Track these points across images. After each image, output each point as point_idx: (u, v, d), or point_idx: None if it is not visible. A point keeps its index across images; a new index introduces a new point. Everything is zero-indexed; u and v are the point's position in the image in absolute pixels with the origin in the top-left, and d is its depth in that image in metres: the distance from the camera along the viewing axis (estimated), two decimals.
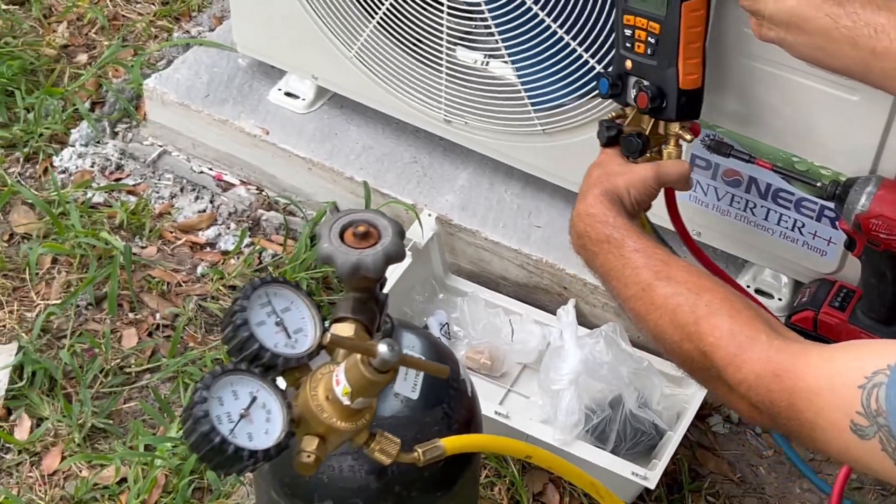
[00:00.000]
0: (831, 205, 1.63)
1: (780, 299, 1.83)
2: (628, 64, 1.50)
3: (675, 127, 1.49)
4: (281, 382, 1.02)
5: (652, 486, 1.62)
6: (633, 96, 1.50)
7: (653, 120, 1.50)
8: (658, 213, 1.59)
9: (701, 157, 1.72)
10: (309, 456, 0.97)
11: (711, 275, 1.22)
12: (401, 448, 1.03)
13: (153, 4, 2.53)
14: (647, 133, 1.49)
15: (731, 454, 1.81)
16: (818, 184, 1.58)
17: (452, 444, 1.04)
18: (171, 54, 2.37)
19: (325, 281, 1.99)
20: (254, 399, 0.96)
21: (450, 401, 1.16)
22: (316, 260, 1.98)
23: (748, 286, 1.85)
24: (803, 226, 1.71)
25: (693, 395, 1.74)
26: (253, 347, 0.98)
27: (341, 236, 1.05)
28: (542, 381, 1.70)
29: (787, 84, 1.56)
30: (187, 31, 2.45)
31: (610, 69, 1.56)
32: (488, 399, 1.75)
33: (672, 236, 1.65)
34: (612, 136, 1.49)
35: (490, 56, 1.89)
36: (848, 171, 1.59)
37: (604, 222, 1.32)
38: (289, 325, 1.01)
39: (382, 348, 0.94)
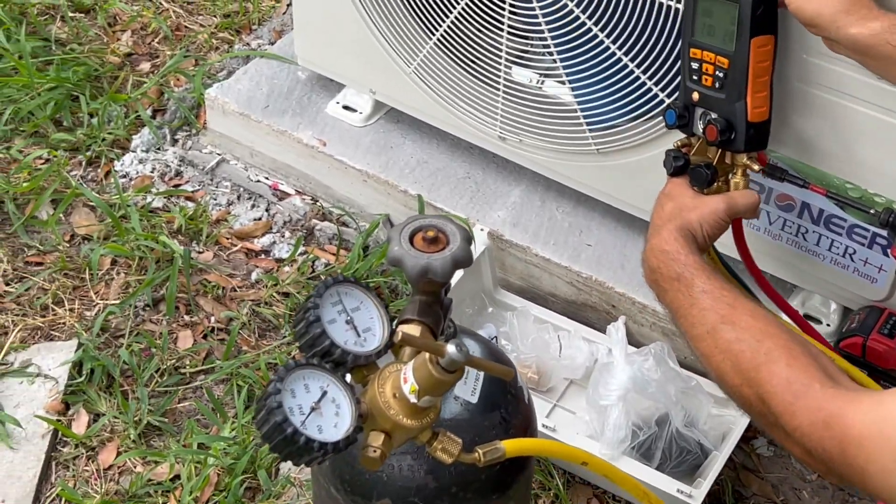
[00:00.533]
0: (884, 232, 1.65)
1: (828, 325, 1.85)
2: (695, 96, 1.53)
3: (742, 158, 1.51)
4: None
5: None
6: (701, 128, 1.52)
7: (719, 150, 1.52)
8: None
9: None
10: (375, 451, 1.00)
11: (775, 319, 1.25)
12: (462, 448, 1.05)
13: (215, 17, 2.58)
14: (714, 164, 1.51)
15: (774, 477, 1.82)
16: (871, 211, 1.60)
17: (512, 446, 1.07)
18: (231, 66, 2.42)
19: (378, 291, 2.02)
20: (324, 393, 1.00)
21: (507, 406, 1.19)
22: (371, 270, 2.02)
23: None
24: (854, 252, 1.72)
25: (739, 417, 1.75)
26: (324, 343, 1.01)
27: (411, 240, 1.08)
28: (591, 397, 1.72)
29: (843, 111, 1.58)
30: (248, 44, 2.50)
31: (675, 99, 1.58)
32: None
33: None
34: (679, 167, 1.52)
35: (545, 75, 1.93)
36: None
37: (676, 260, 1.36)
38: (358, 324, 1.04)
39: (451, 348, 0.97)
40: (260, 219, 2.18)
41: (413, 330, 1.06)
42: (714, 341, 1.22)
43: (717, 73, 1.51)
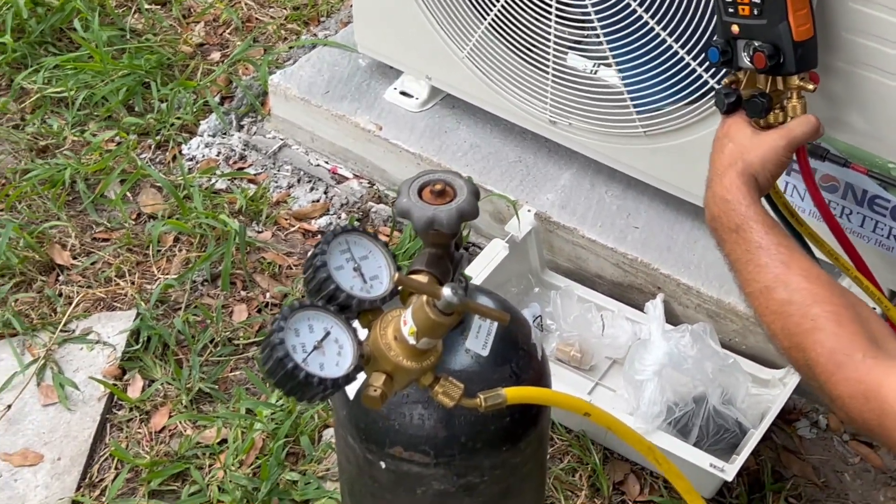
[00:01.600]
0: None
1: (874, 308, 1.83)
2: (735, 28, 1.49)
3: (795, 80, 1.47)
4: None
5: (729, 478, 1.64)
6: (747, 59, 1.49)
7: (770, 78, 1.49)
8: None
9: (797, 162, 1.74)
10: (375, 390, 1.04)
11: (828, 280, 1.25)
12: (464, 393, 1.09)
13: (285, 9, 2.66)
14: (767, 92, 1.48)
15: (816, 459, 1.81)
16: None
17: (514, 393, 1.10)
18: (297, 55, 2.49)
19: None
20: (327, 334, 1.04)
21: (518, 361, 1.22)
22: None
23: None
24: None
25: (777, 396, 1.75)
26: (330, 288, 1.05)
27: (419, 194, 1.12)
28: (627, 372, 1.74)
29: (886, 90, 1.58)
30: (315, 34, 2.57)
31: (715, 38, 1.57)
32: (577, 390, 1.79)
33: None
34: (732, 103, 1.49)
35: (600, 64, 1.95)
36: None
37: (736, 210, 1.36)
38: (366, 271, 1.09)
39: (447, 291, 1.00)
40: (318, 201, 2.24)
41: (420, 279, 1.10)
42: (766, 301, 1.24)
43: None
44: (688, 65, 1.77)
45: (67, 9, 2.52)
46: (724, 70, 1.58)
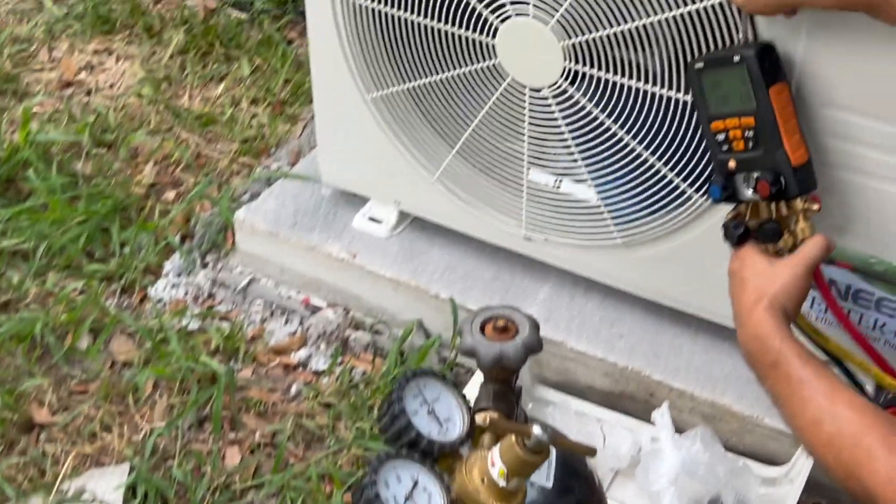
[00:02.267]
0: None
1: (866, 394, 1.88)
2: (732, 164, 1.56)
3: (799, 203, 1.54)
4: None
5: None
6: (749, 190, 1.56)
7: (775, 204, 1.56)
8: None
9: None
10: None
11: (872, 407, 1.30)
12: None
13: (234, 143, 2.66)
14: (774, 217, 1.55)
15: None
16: None
17: None
18: (254, 189, 2.49)
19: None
20: (416, 483, 1.03)
21: (581, 489, 1.22)
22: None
23: None
24: (884, 325, 1.77)
25: (787, 493, 1.78)
26: (411, 435, 1.05)
27: (482, 330, 1.13)
28: (641, 483, 1.75)
29: (862, 189, 1.65)
30: (267, 167, 2.57)
31: (714, 177, 1.61)
32: None
33: None
34: (741, 234, 1.55)
35: (562, 176, 2.00)
36: None
37: (771, 347, 1.40)
38: (439, 413, 1.09)
39: (536, 429, 1.01)
40: (295, 333, 2.22)
41: (492, 416, 1.10)
42: (816, 434, 1.28)
43: (746, 133, 1.55)
44: (664, 175, 1.82)
45: (14, 159, 2.49)
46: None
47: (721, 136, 1.58)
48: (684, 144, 1.76)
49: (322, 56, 2.08)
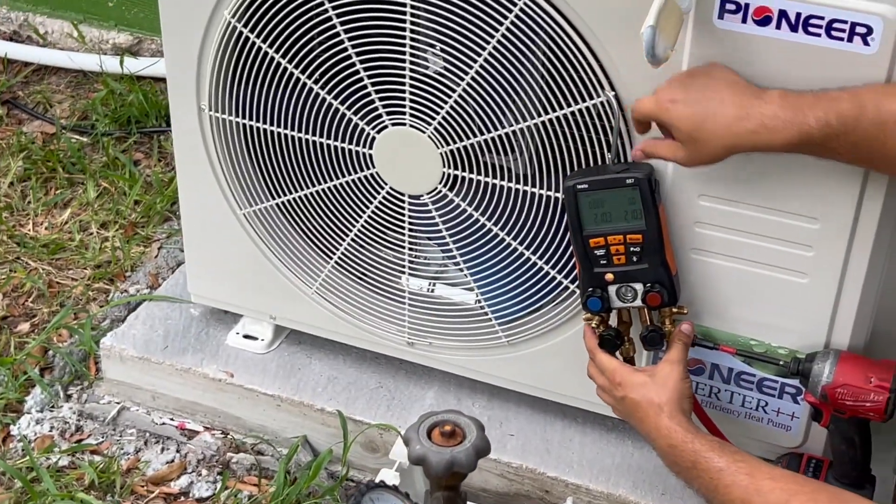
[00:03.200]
0: (791, 381, 1.77)
1: None
2: (609, 276, 1.68)
3: (669, 310, 1.70)
4: None
5: None
6: (633, 299, 1.68)
7: (648, 312, 1.71)
8: None
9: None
10: None
11: (792, 474, 1.39)
12: None
13: (86, 269, 2.58)
14: (649, 323, 1.70)
15: None
16: (781, 362, 1.72)
17: None
18: (113, 314, 2.41)
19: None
20: None
21: None
22: (300, 494, 2.00)
23: None
24: (766, 404, 1.83)
25: None
26: None
27: (429, 437, 1.11)
28: None
29: (736, 272, 1.72)
30: (125, 291, 2.49)
31: (590, 289, 1.71)
32: None
33: None
34: (620, 343, 1.72)
35: (435, 280, 2.02)
36: (802, 348, 1.73)
37: (686, 450, 1.49)
38: None
39: None
40: (173, 461, 2.14)
41: None
42: None
43: (631, 249, 1.64)
44: (546, 273, 1.86)
45: None
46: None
47: (601, 252, 1.66)
48: (562, 240, 1.81)
49: (190, 172, 2.05)
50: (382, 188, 1.90)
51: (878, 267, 1.67)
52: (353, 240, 1.98)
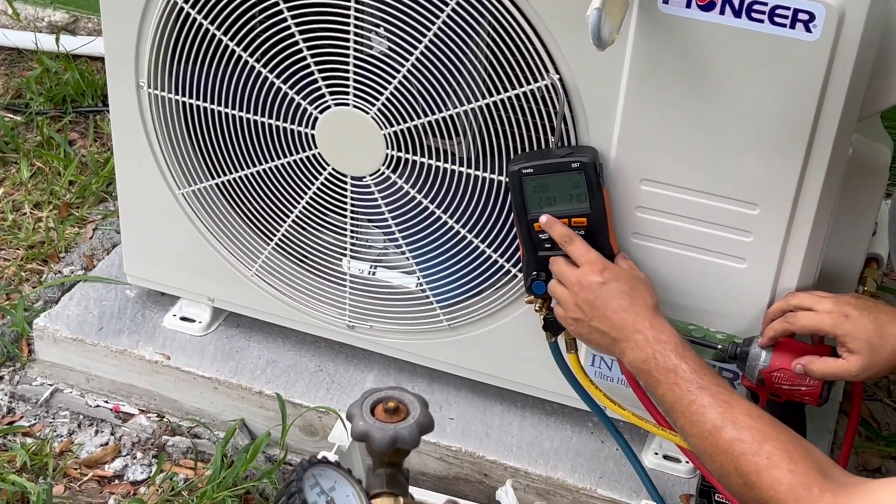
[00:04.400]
0: (729, 366, 1.79)
1: (686, 462, 1.95)
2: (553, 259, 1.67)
3: None
4: None
5: None
6: None
7: None
8: None
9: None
10: None
11: (770, 418, 1.34)
12: None
13: (19, 250, 2.53)
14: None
15: None
16: (719, 347, 1.74)
17: None
18: (47, 295, 2.36)
19: (248, 498, 1.99)
20: None
21: None
22: (237, 477, 1.98)
23: (656, 453, 1.97)
24: None
25: None
26: None
27: (372, 413, 1.11)
28: None
29: (676, 258, 1.73)
30: (59, 272, 2.45)
31: (535, 273, 1.71)
32: None
33: None
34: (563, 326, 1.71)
35: (376, 264, 2.01)
36: (740, 333, 1.75)
37: (673, 351, 1.44)
38: (338, 502, 1.05)
39: None
40: (107, 444, 2.11)
41: (386, 502, 1.08)
42: (716, 441, 1.29)
43: (576, 232, 1.64)
44: (488, 257, 1.86)
45: None
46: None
47: (545, 235, 1.67)
48: (505, 224, 1.81)
49: (127, 151, 2.02)
50: (324, 169, 1.88)
51: (817, 252, 1.69)
52: (294, 222, 1.96)
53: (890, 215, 1.78)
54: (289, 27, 1.76)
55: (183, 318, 2.17)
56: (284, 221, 1.97)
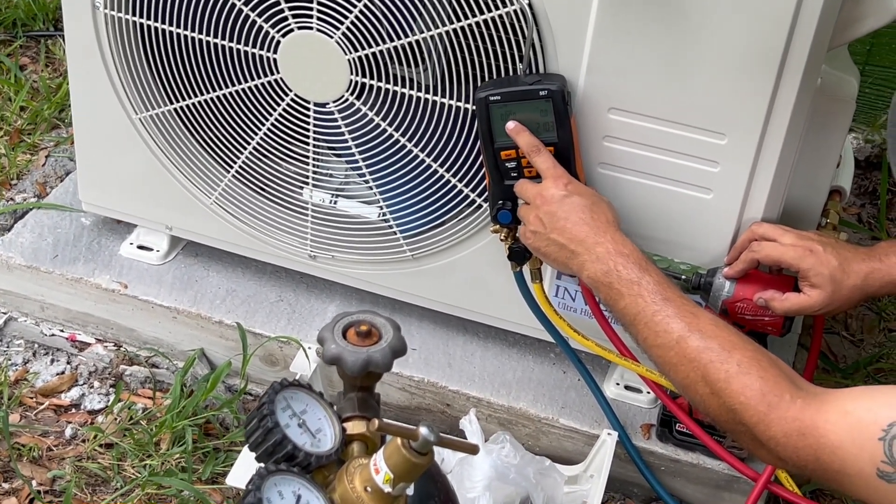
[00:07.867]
0: (691, 296, 1.78)
1: (648, 392, 1.96)
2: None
3: None
4: None
5: None
6: None
7: None
8: None
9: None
10: None
11: (735, 329, 1.33)
12: None
13: None
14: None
15: None
16: (682, 277, 1.74)
17: None
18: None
19: (207, 427, 1.97)
20: (298, 497, 0.98)
21: (438, 494, 1.20)
22: (196, 407, 1.96)
23: (617, 384, 1.98)
24: None
25: (590, 490, 1.82)
26: (287, 448, 1.00)
27: (344, 337, 1.09)
28: (457, 491, 1.74)
29: (642, 188, 1.72)
30: (11, 199, 2.40)
31: (500, 202, 1.70)
32: None
33: None
34: (529, 255, 1.71)
35: (337, 195, 1.98)
36: (705, 264, 1.75)
37: (636, 264, 1.40)
38: (311, 425, 1.04)
39: (424, 430, 0.98)
40: (63, 373, 2.08)
41: (359, 426, 1.07)
42: (682, 350, 1.27)
43: None
44: (451, 184, 1.84)
45: None
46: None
47: (512, 164, 1.65)
48: (471, 153, 1.79)
49: (82, 74, 1.96)
50: (286, 95, 1.84)
51: (783, 183, 1.69)
52: (254, 149, 1.93)
53: (889, 120, 1.76)
54: None
55: (140, 247, 2.13)
56: (245, 149, 1.93)
